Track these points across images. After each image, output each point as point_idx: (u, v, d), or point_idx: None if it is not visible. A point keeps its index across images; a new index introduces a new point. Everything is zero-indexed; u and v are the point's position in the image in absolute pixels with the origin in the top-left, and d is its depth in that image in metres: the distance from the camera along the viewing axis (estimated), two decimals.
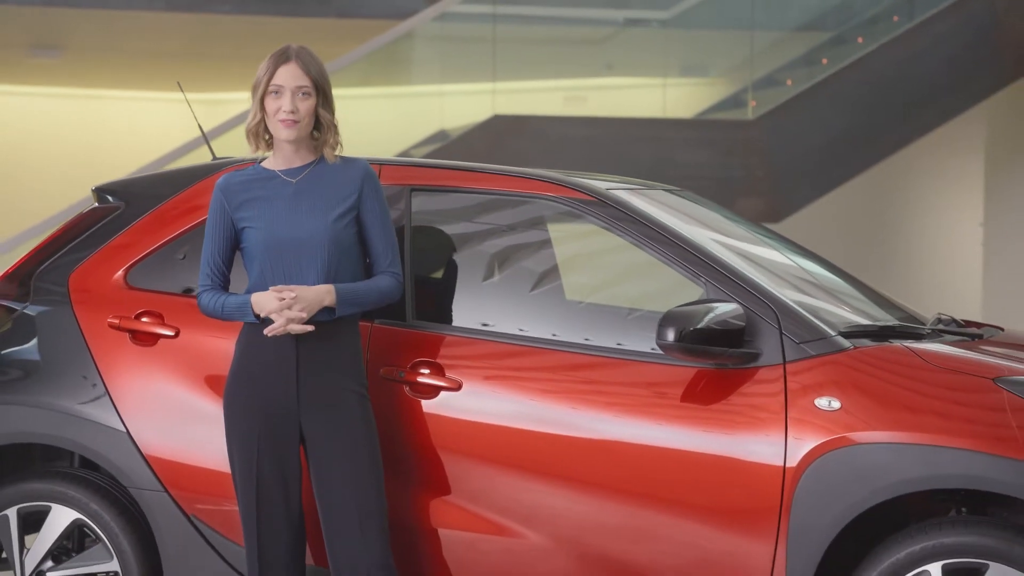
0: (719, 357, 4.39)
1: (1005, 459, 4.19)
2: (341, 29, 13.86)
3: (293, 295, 4.41)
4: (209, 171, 5.02)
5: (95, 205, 5.22)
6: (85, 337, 4.96)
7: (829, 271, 5.24)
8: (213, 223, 4.58)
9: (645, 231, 4.65)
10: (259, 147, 4.60)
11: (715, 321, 4.35)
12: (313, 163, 4.59)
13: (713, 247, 4.66)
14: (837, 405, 4.33)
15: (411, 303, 4.73)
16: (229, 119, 11.09)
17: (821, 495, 4.29)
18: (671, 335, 4.33)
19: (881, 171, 12.77)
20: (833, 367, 4.37)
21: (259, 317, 4.46)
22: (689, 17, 12.91)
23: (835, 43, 12.58)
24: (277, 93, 4.52)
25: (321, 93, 4.54)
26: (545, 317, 4.77)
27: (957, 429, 4.24)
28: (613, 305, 4.97)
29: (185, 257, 4.96)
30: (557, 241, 4.92)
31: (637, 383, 4.51)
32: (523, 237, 4.91)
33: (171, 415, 4.83)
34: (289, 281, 4.48)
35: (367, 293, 4.53)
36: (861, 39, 12.31)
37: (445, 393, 4.63)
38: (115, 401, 4.88)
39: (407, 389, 4.66)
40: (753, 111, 12.06)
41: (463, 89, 12.75)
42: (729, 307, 4.41)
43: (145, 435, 4.85)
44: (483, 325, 4.73)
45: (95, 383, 4.91)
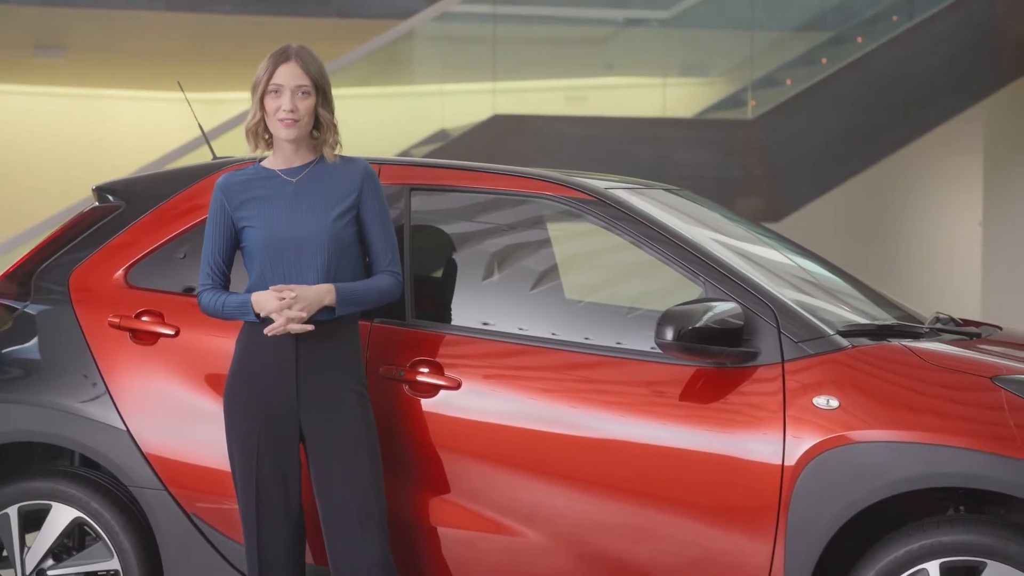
0: (718, 356, 4.39)
1: (1003, 457, 4.19)
2: (341, 29, 13.85)
3: (293, 295, 4.42)
4: (209, 170, 5.02)
5: (95, 204, 5.22)
6: (86, 336, 4.96)
7: (828, 270, 5.24)
8: (213, 222, 4.59)
9: (644, 230, 4.66)
10: (259, 146, 4.60)
11: (714, 320, 4.35)
12: (313, 162, 4.59)
13: (712, 246, 4.67)
14: (835, 404, 4.33)
15: (410, 302, 4.74)
16: (229, 119, 11.09)
17: (819, 493, 4.29)
18: (670, 334, 4.34)
19: (881, 171, 12.77)
20: (831, 366, 4.38)
21: (259, 316, 4.47)
22: (689, 17, 12.90)
23: (835, 43, 12.57)
24: (277, 92, 4.52)
25: (321, 92, 4.54)
26: (544, 316, 4.77)
27: (955, 428, 4.24)
28: (612, 304, 4.98)
29: (185, 256, 4.97)
30: (556, 240, 4.92)
31: (636, 382, 4.51)
32: (522, 236, 4.92)
33: (171, 414, 4.84)
34: (289, 280, 4.48)
35: (367, 292, 4.53)
36: (860, 39, 12.30)
37: (444, 392, 4.63)
38: (115, 400, 4.89)
39: (407, 388, 4.66)
40: (753, 111, 12.05)
41: (463, 89, 12.74)
42: (727, 306, 4.41)
43: (145, 434, 4.85)
44: (483, 324, 4.73)
45: (95, 382, 4.91)
